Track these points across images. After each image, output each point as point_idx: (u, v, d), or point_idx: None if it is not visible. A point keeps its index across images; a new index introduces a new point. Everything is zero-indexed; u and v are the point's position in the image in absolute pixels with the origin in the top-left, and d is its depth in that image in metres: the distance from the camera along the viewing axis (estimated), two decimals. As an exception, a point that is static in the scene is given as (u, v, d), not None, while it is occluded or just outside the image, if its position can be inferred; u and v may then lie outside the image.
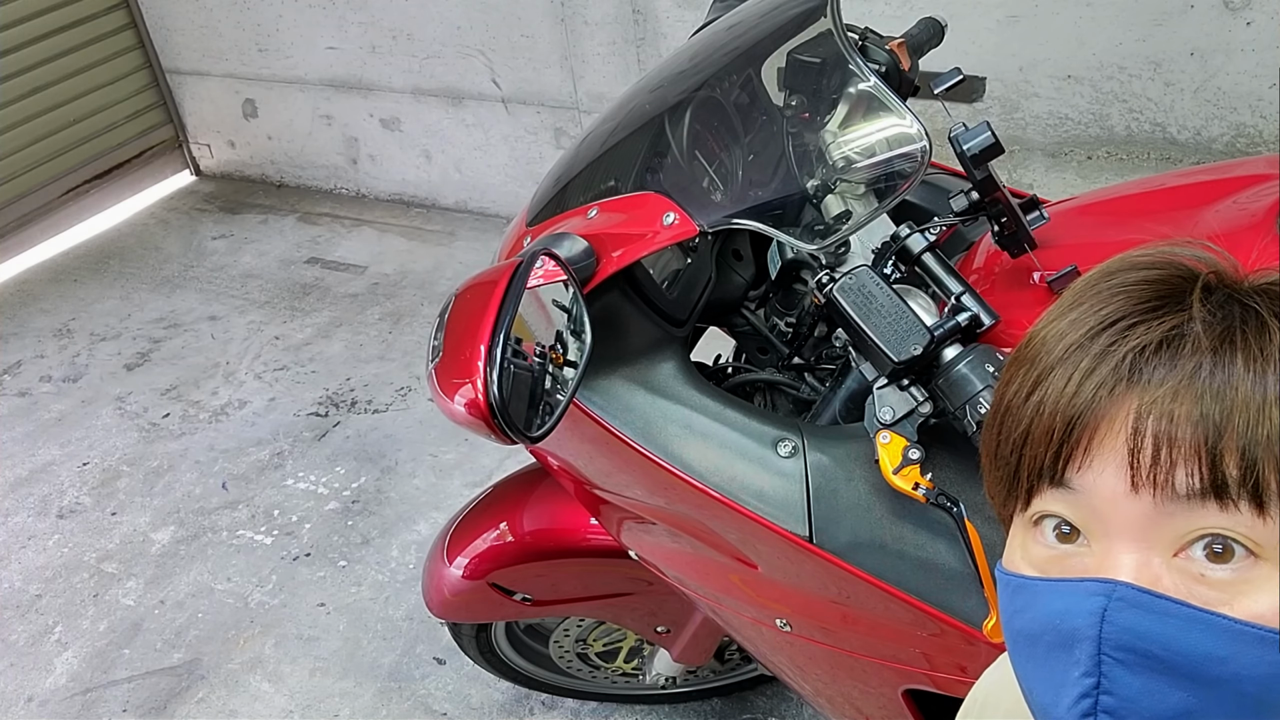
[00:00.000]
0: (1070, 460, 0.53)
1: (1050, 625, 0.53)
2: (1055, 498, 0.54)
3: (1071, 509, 0.54)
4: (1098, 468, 0.52)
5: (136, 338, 3.46)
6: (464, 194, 3.96)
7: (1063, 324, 0.56)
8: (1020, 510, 0.58)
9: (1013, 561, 0.58)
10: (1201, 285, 0.54)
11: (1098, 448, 0.52)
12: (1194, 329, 0.52)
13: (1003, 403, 0.58)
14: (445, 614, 1.68)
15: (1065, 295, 0.58)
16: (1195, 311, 0.53)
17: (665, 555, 1.33)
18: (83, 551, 2.61)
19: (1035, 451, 0.55)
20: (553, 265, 1.03)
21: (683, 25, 3.12)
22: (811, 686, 1.36)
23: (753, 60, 1.21)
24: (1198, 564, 0.51)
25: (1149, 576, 0.51)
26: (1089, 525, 0.54)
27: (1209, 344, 0.51)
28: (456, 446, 2.79)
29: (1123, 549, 0.52)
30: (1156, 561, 0.51)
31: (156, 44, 4.24)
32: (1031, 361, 0.56)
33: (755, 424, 1.11)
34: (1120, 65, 2.62)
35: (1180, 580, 0.51)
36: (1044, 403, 0.54)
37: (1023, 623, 0.55)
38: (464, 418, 0.94)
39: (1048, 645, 0.53)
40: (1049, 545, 0.55)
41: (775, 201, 1.10)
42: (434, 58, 3.65)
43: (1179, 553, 0.51)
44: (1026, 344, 0.58)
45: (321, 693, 2.18)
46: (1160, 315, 0.53)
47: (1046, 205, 1.16)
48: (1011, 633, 0.57)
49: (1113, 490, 0.52)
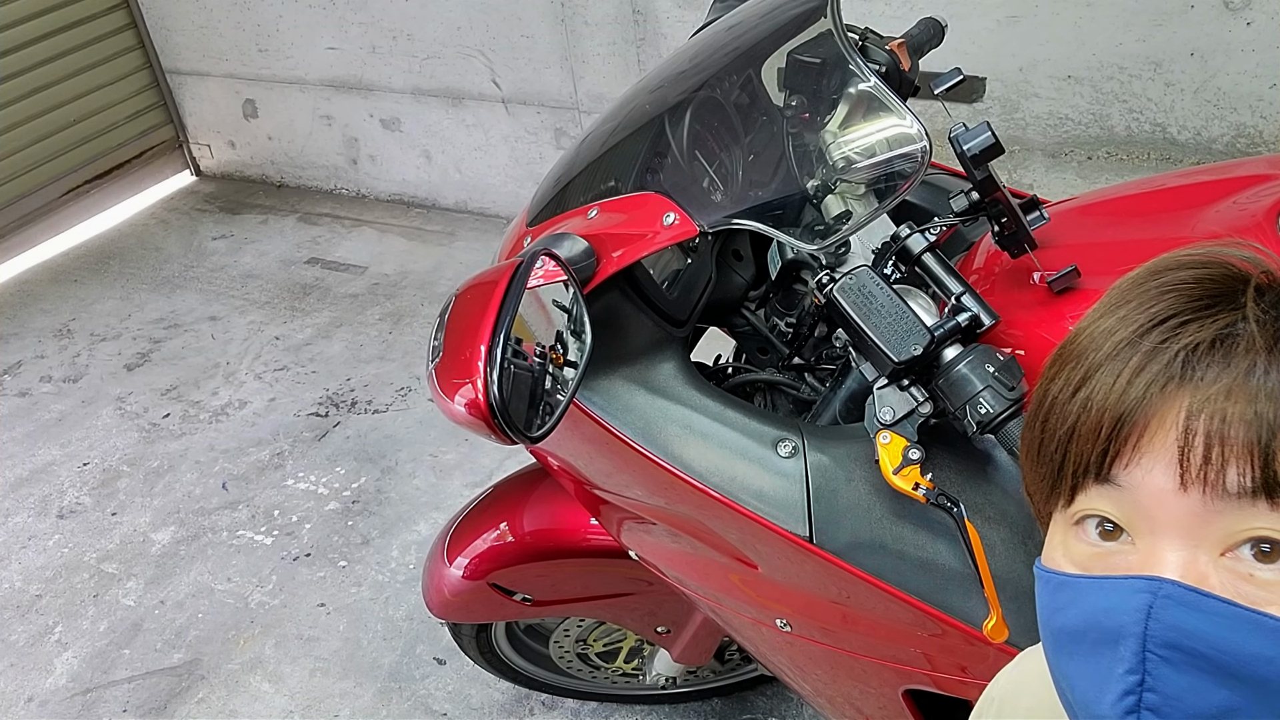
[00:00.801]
0: (1118, 457, 0.53)
1: (1094, 622, 0.53)
2: (1100, 495, 0.54)
3: (1117, 506, 0.54)
4: (1146, 465, 0.52)
5: (137, 338, 3.46)
6: (464, 194, 3.96)
7: (1110, 321, 0.56)
8: (1062, 508, 0.57)
9: (1053, 559, 0.58)
10: (1254, 285, 0.54)
11: (1147, 445, 0.52)
12: (1248, 328, 0.52)
13: (1046, 400, 0.57)
14: (445, 614, 1.68)
15: (1109, 293, 0.58)
16: (1249, 311, 0.52)
17: (665, 555, 1.33)
18: (83, 552, 2.61)
19: (1082, 448, 0.54)
20: (553, 265, 1.03)
21: (683, 25, 3.12)
22: (811, 687, 1.36)
23: (753, 60, 1.21)
24: (1245, 564, 0.51)
25: (1195, 575, 0.51)
26: (1134, 523, 0.53)
27: (1264, 343, 0.51)
28: (456, 446, 2.79)
29: (1169, 547, 0.52)
30: (1203, 560, 0.51)
31: (157, 44, 4.24)
32: (1078, 358, 0.56)
33: (755, 424, 1.11)
34: (1120, 65, 2.62)
35: (1227, 579, 0.51)
36: (1091, 399, 0.54)
37: (1064, 620, 0.55)
38: (464, 418, 0.94)
39: (1092, 642, 0.53)
40: (1092, 543, 0.55)
41: (775, 202, 1.10)
42: (434, 58, 3.65)
43: (1226, 552, 0.51)
44: (1071, 341, 0.58)
45: (321, 693, 2.18)
46: (1213, 314, 0.53)
47: (1046, 205, 1.16)
48: (1051, 630, 0.56)
49: (1161, 488, 0.51)
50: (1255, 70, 2.49)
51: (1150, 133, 2.68)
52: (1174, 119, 2.64)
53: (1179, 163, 2.69)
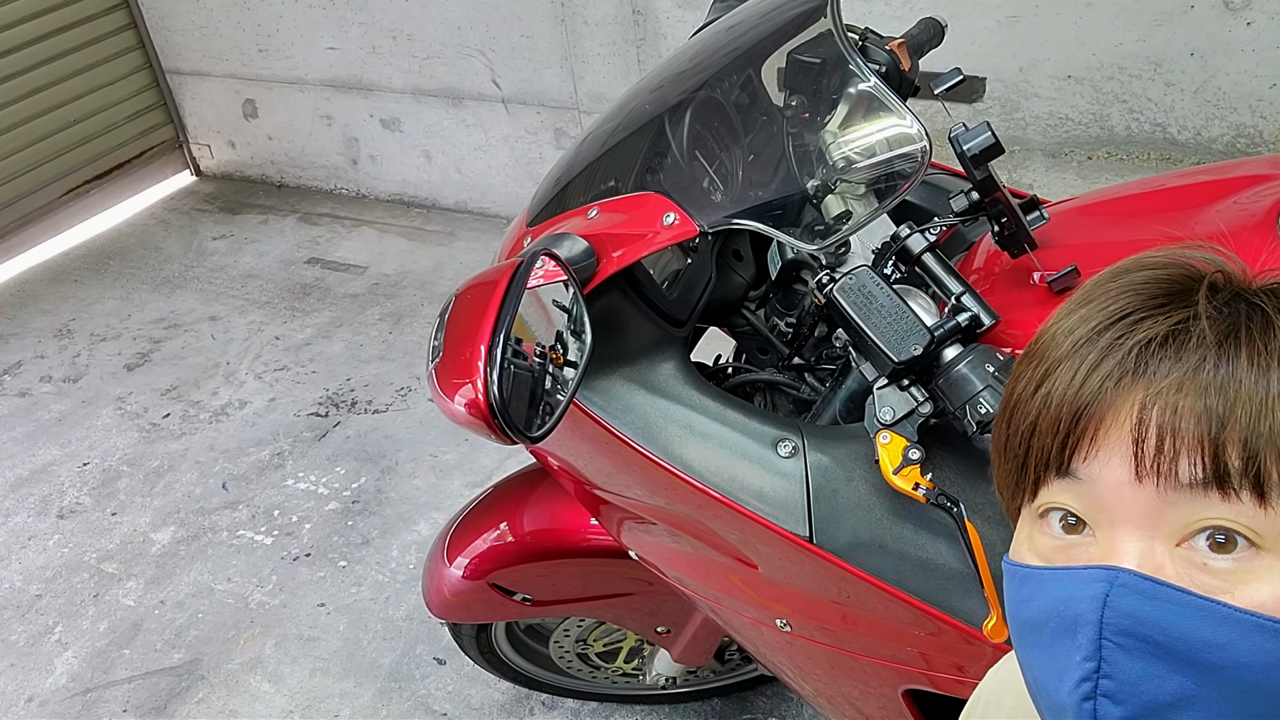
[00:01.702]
0: (1076, 450, 0.54)
1: (1055, 612, 0.54)
2: (1062, 488, 0.56)
3: (1077, 499, 0.55)
4: (1103, 458, 0.53)
5: (137, 338, 3.46)
6: (464, 194, 3.96)
7: (1071, 320, 0.57)
8: (1027, 502, 0.59)
9: (1019, 553, 0.59)
10: (1208, 284, 0.55)
11: (1103, 438, 0.53)
12: (1200, 325, 0.53)
13: (1012, 397, 0.59)
14: (445, 614, 1.68)
15: (1075, 294, 0.59)
16: (1201, 308, 0.54)
17: (665, 555, 1.33)
18: (83, 552, 2.61)
19: (1043, 442, 0.56)
20: (553, 265, 1.03)
21: (683, 25, 3.12)
22: (811, 686, 1.36)
23: (753, 60, 1.22)
24: (1200, 554, 0.52)
25: (1152, 564, 0.52)
26: (1094, 515, 0.55)
27: (1214, 339, 0.52)
28: (456, 446, 2.79)
29: (1127, 537, 0.53)
30: (1160, 550, 0.52)
31: (157, 44, 4.24)
32: (1040, 357, 0.58)
33: (755, 424, 1.11)
34: (1120, 65, 2.62)
35: (1183, 569, 0.52)
36: (1051, 395, 0.56)
37: (1028, 611, 0.56)
38: (464, 418, 0.94)
39: (1052, 632, 0.54)
40: (1055, 536, 0.56)
41: (775, 202, 1.11)
42: (434, 58, 3.65)
43: (1182, 542, 0.52)
44: (1036, 341, 0.59)
45: (321, 693, 2.18)
46: (1167, 311, 0.54)
47: (1046, 205, 1.16)
48: (1017, 622, 0.58)
49: (1117, 480, 0.53)
50: (1255, 70, 2.49)
51: (1150, 133, 2.68)
52: (1174, 119, 2.64)
53: (1179, 163, 2.69)
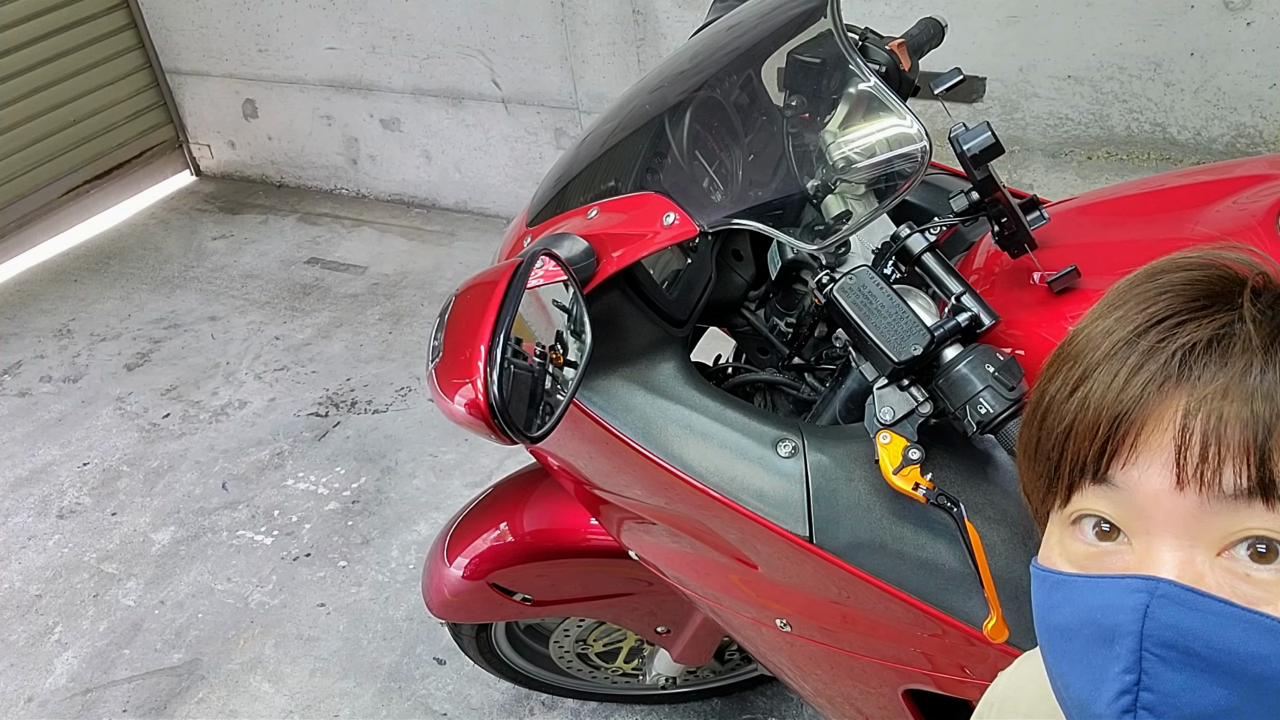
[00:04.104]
0: (1115, 456, 0.53)
1: (1089, 620, 0.53)
2: (1097, 494, 0.54)
3: (1113, 506, 0.54)
4: (1143, 464, 0.52)
5: (136, 338, 3.46)
6: (464, 194, 3.96)
7: (1108, 321, 0.56)
8: (1059, 508, 0.57)
9: (1049, 558, 0.58)
10: (1250, 287, 0.54)
11: (1144, 444, 0.52)
12: (1244, 328, 0.52)
13: (1044, 399, 0.57)
14: (445, 614, 1.68)
15: (1107, 295, 0.58)
16: (1245, 311, 0.52)
17: (665, 555, 1.33)
18: (83, 552, 2.61)
19: (1079, 447, 0.54)
20: (553, 265, 1.03)
21: (683, 25, 3.12)
22: (812, 687, 1.36)
23: (753, 60, 1.21)
24: (1242, 564, 0.51)
25: (1192, 574, 0.51)
26: (1131, 523, 0.53)
27: (1259, 343, 0.51)
28: (456, 446, 2.79)
29: (1165, 546, 0.52)
30: (1200, 559, 0.51)
31: (156, 44, 4.24)
32: (1075, 358, 0.56)
33: (755, 424, 1.11)
34: (1120, 65, 2.62)
35: (1223, 579, 0.51)
36: (1089, 399, 0.54)
37: (1059, 618, 0.55)
38: (464, 418, 0.94)
39: (1086, 640, 0.53)
40: (1088, 542, 0.55)
41: (775, 202, 1.11)
42: (434, 58, 3.65)
43: (1222, 552, 0.51)
44: (1069, 341, 0.58)
45: (321, 693, 2.18)
46: (1210, 314, 0.53)
47: (1046, 205, 1.16)
48: (1046, 628, 0.57)
49: (1157, 487, 0.52)
50: (1255, 70, 2.49)
51: (1150, 133, 2.68)
52: (1174, 119, 2.64)
53: (1179, 163, 2.69)
